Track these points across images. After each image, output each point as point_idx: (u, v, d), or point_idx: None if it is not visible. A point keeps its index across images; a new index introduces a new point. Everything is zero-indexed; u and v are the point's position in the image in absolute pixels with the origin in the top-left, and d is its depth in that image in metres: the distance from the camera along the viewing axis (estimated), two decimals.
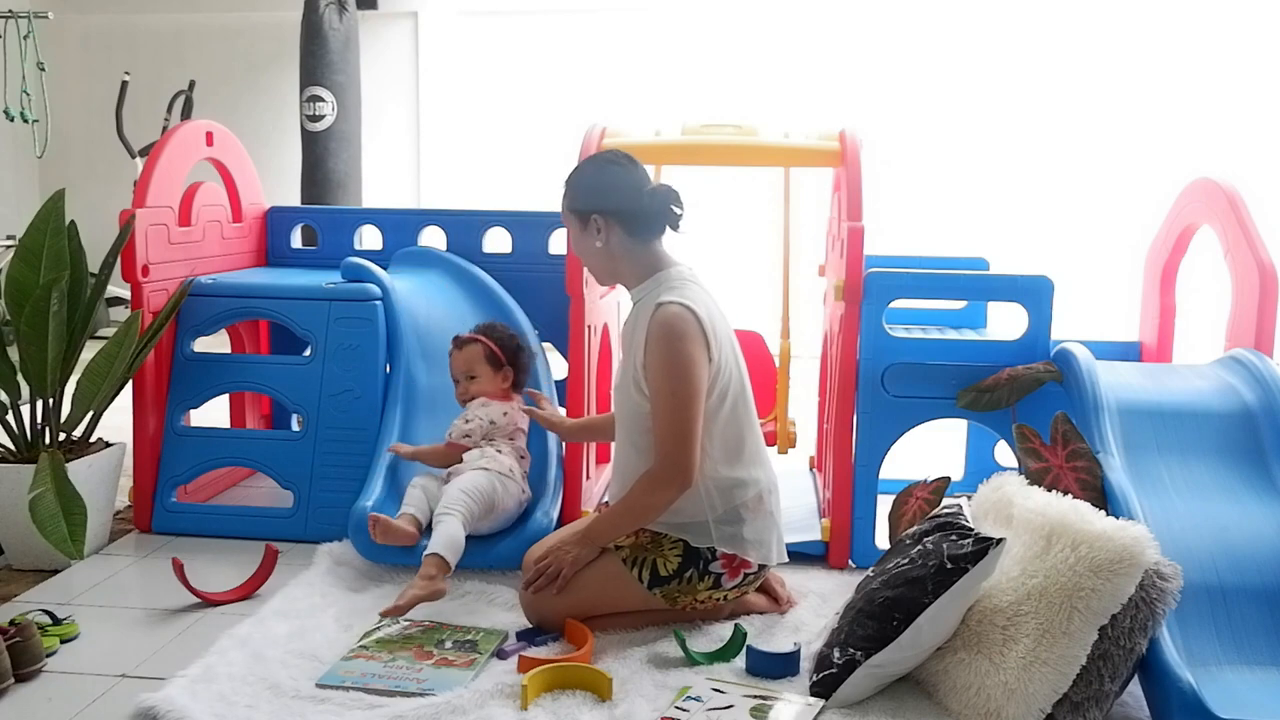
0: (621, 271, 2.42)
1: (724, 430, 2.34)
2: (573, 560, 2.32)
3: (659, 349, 2.26)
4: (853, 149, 2.90)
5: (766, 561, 2.39)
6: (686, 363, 2.25)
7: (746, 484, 2.36)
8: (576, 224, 2.41)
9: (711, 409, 2.31)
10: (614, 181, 2.38)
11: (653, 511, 2.32)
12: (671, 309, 2.27)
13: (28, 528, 2.56)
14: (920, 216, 6.16)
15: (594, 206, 2.36)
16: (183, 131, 3.26)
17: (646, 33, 6.54)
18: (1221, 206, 2.73)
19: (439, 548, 2.45)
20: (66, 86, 6.89)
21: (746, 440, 2.38)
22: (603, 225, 2.36)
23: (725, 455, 2.34)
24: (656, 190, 2.37)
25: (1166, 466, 2.31)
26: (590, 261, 2.46)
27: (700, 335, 2.27)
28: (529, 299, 3.32)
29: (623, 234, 2.37)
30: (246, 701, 2.03)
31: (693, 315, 2.27)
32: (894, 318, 2.96)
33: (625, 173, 2.40)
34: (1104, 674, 1.90)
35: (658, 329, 2.26)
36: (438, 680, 2.10)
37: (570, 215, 2.42)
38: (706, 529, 2.33)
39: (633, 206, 2.36)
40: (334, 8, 5.56)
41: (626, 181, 2.39)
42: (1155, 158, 5.96)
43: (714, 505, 2.33)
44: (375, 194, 6.57)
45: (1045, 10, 6.25)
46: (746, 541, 2.34)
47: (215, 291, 3.14)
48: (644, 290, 2.39)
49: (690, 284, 2.36)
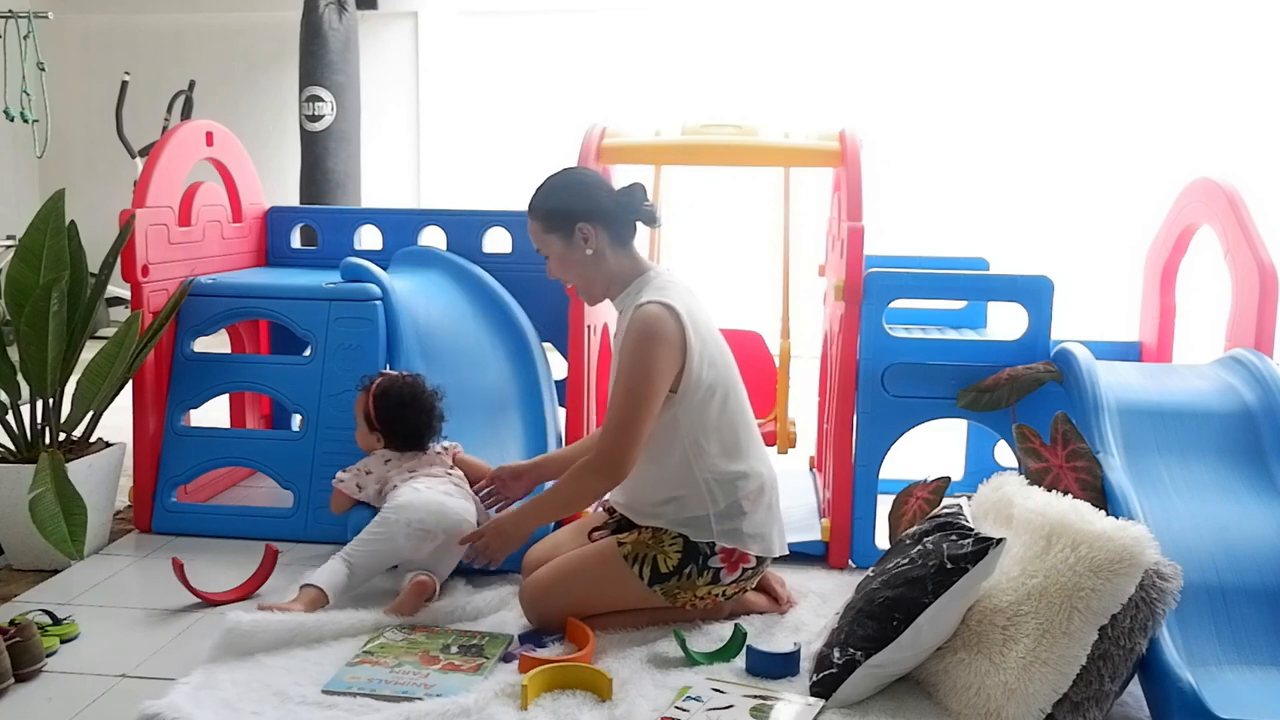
0: (610, 279, 2.42)
1: (719, 425, 2.35)
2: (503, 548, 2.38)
3: (629, 345, 2.28)
4: (853, 149, 2.90)
5: (767, 554, 2.39)
6: (651, 363, 2.26)
7: (748, 476, 2.37)
8: (560, 240, 2.39)
9: (701, 402, 2.32)
10: (588, 188, 2.40)
11: (581, 499, 2.38)
12: (650, 309, 2.29)
13: (28, 528, 2.56)
14: (920, 216, 6.16)
15: (579, 216, 2.36)
16: (183, 131, 3.26)
17: (646, 33, 6.54)
18: (1221, 206, 2.73)
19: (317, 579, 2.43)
20: (66, 86, 6.89)
21: (742, 434, 2.39)
22: (590, 233, 2.36)
23: (723, 450, 2.35)
24: (627, 189, 2.41)
25: (1166, 466, 2.31)
26: (579, 275, 2.43)
27: (676, 338, 2.28)
28: (529, 299, 3.32)
29: (609, 238, 2.38)
30: (252, 708, 2.00)
31: (671, 315, 2.28)
32: (894, 318, 2.96)
33: (594, 177, 2.45)
34: (1104, 674, 1.90)
35: (633, 327, 2.29)
36: (446, 685, 2.09)
37: (551, 234, 2.39)
38: (707, 523, 2.33)
39: (612, 207, 2.39)
40: (334, 8, 5.56)
41: (600, 185, 2.43)
42: (1155, 158, 5.96)
43: (715, 500, 2.33)
44: (375, 194, 6.57)
45: (1045, 10, 6.25)
46: (746, 535, 2.35)
47: (215, 291, 3.14)
48: (628, 296, 2.40)
49: (671, 285, 2.37)
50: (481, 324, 3.25)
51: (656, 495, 2.37)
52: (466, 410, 2.96)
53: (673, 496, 2.35)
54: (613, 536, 2.41)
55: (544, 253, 2.45)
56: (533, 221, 2.42)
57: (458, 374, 3.00)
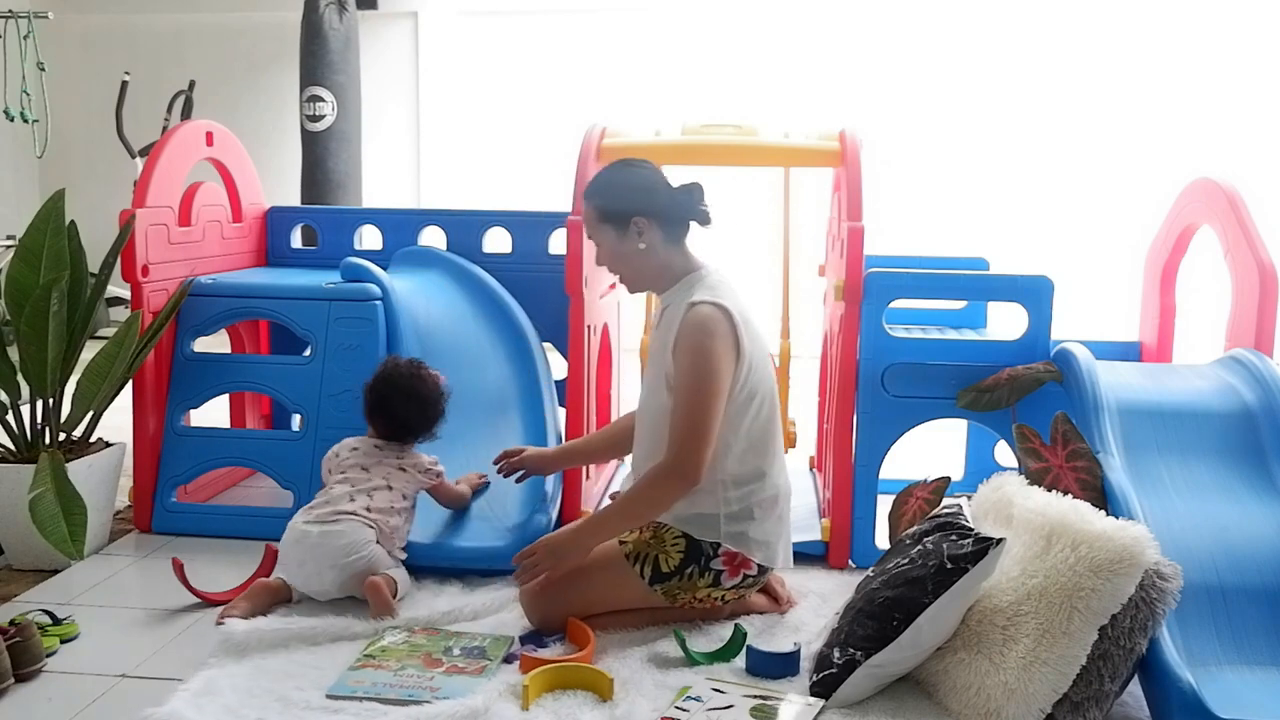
0: (659, 273, 2.42)
1: (750, 428, 2.34)
2: (559, 564, 2.30)
3: (688, 346, 2.27)
4: (853, 149, 2.90)
5: (770, 564, 2.39)
6: (714, 361, 2.26)
7: (765, 484, 2.37)
8: (613, 230, 2.39)
9: (740, 406, 2.32)
10: (646, 182, 2.40)
11: (657, 507, 2.31)
12: (705, 309, 2.28)
13: (28, 528, 2.56)
14: (920, 216, 6.16)
15: (635, 208, 2.36)
16: (183, 131, 3.26)
17: (646, 33, 6.53)
18: (1221, 206, 2.73)
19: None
20: (66, 86, 6.88)
21: (769, 442, 2.39)
22: (644, 226, 2.37)
23: (747, 454, 2.34)
24: (685, 187, 2.41)
25: (1166, 466, 2.31)
26: (628, 267, 2.43)
27: (731, 336, 2.29)
28: (529, 299, 3.32)
29: (662, 234, 2.38)
30: (255, 715, 1.99)
31: (725, 316, 2.29)
32: (894, 318, 2.97)
33: (654, 173, 2.44)
34: (1104, 674, 1.90)
35: (690, 327, 2.28)
36: (451, 688, 2.08)
37: (604, 223, 2.40)
38: (716, 523, 2.33)
39: (669, 204, 2.38)
40: (334, 8, 5.56)
41: (659, 181, 2.42)
42: (1155, 158, 5.96)
43: (728, 501, 2.33)
44: (375, 194, 6.57)
45: (1045, 11, 6.25)
46: (752, 541, 2.35)
47: (215, 291, 3.14)
48: (676, 293, 2.40)
49: (722, 284, 2.38)
50: (481, 324, 3.25)
51: None
52: (466, 410, 2.95)
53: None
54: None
55: (595, 241, 2.45)
56: (588, 209, 2.42)
57: (458, 374, 3.00)
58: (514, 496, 2.85)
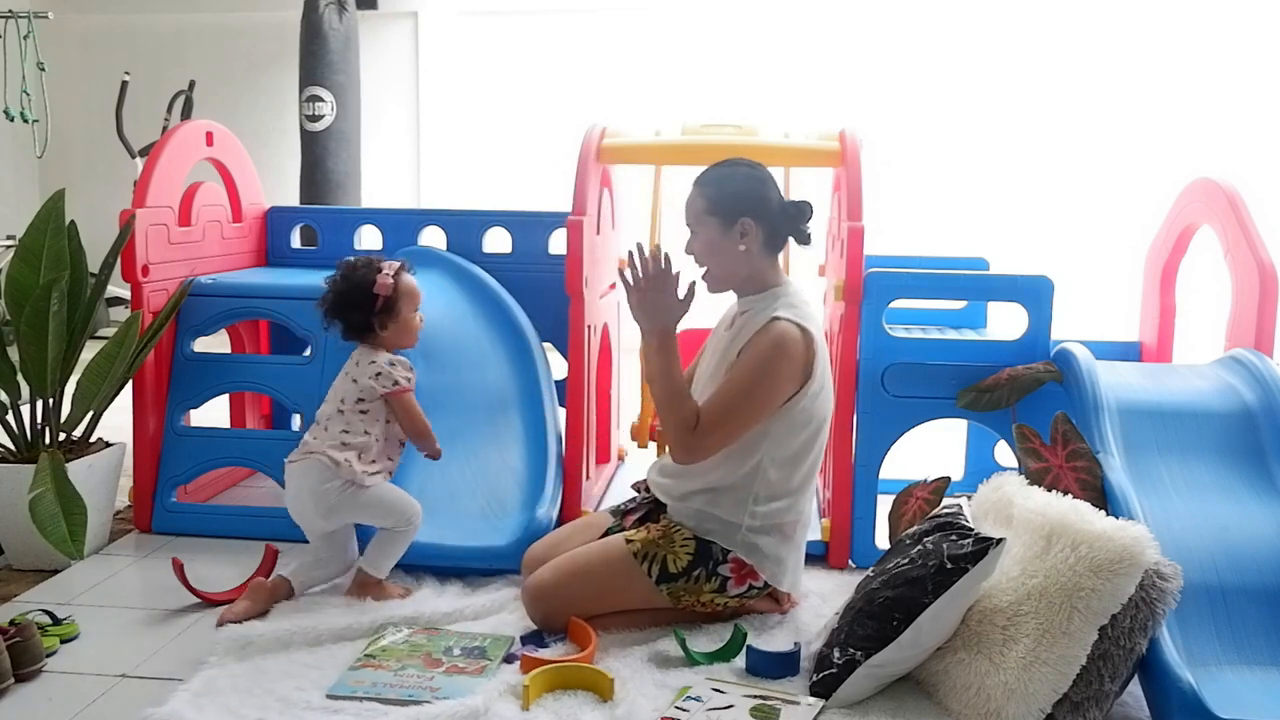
0: (747, 278, 2.42)
1: (797, 453, 2.35)
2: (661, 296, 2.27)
3: (757, 353, 2.28)
4: (853, 149, 2.90)
5: (777, 584, 2.39)
6: (774, 378, 2.27)
7: (793, 508, 2.37)
8: (718, 224, 2.38)
9: (795, 425, 2.33)
10: (766, 190, 2.41)
11: (670, 410, 2.26)
12: (788, 327, 2.30)
13: (28, 528, 2.56)
14: (920, 216, 6.16)
15: (746, 209, 2.37)
16: (183, 131, 3.26)
17: (646, 33, 6.54)
18: (1221, 206, 2.73)
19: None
20: (66, 86, 6.89)
21: (811, 470, 2.39)
22: (749, 229, 2.37)
23: (787, 472, 2.35)
24: (797, 203, 2.42)
25: (1166, 466, 2.31)
26: (720, 264, 2.42)
27: (801, 359, 2.30)
28: (529, 299, 3.32)
29: (762, 241, 2.39)
30: (256, 715, 1.99)
31: (806, 341, 2.30)
32: (894, 318, 2.97)
33: (770, 179, 2.44)
34: (1104, 674, 1.90)
35: (766, 339, 2.29)
36: (452, 688, 2.08)
37: (711, 215, 2.39)
38: (735, 531, 2.34)
39: (779, 215, 2.40)
40: (334, 8, 5.57)
41: (774, 192, 2.43)
42: (1155, 158, 5.96)
43: (754, 514, 2.34)
44: (375, 194, 6.57)
45: (1045, 11, 6.25)
46: (764, 555, 2.35)
47: (215, 291, 3.14)
48: (759, 301, 2.40)
49: (805, 305, 2.39)
50: (481, 324, 3.25)
51: (697, 484, 2.37)
52: (466, 410, 2.95)
53: (711, 488, 2.35)
54: (620, 534, 2.42)
55: (694, 230, 2.43)
56: (697, 198, 2.41)
57: (458, 374, 3.00)
58: (514, 496, 2.85)
